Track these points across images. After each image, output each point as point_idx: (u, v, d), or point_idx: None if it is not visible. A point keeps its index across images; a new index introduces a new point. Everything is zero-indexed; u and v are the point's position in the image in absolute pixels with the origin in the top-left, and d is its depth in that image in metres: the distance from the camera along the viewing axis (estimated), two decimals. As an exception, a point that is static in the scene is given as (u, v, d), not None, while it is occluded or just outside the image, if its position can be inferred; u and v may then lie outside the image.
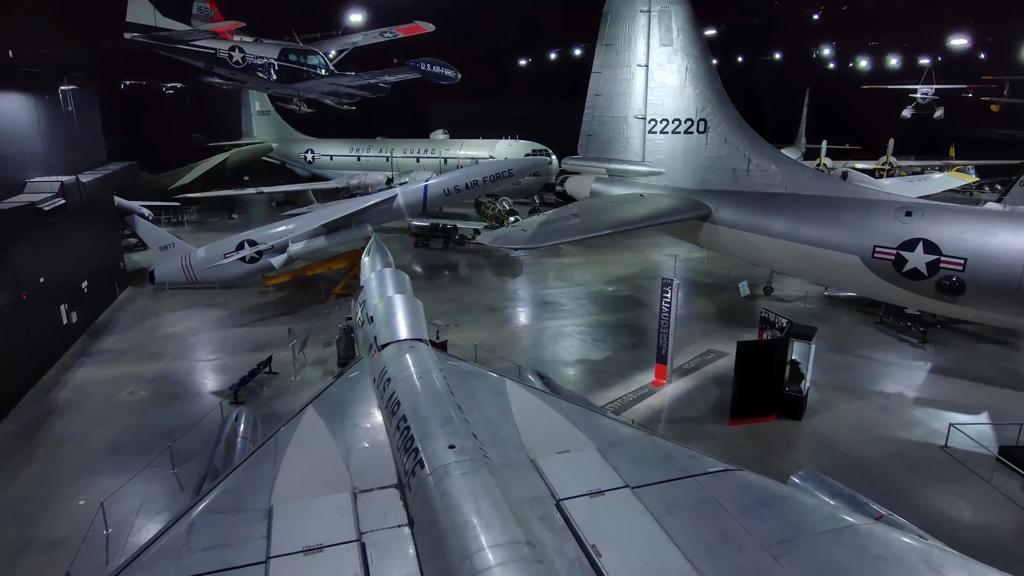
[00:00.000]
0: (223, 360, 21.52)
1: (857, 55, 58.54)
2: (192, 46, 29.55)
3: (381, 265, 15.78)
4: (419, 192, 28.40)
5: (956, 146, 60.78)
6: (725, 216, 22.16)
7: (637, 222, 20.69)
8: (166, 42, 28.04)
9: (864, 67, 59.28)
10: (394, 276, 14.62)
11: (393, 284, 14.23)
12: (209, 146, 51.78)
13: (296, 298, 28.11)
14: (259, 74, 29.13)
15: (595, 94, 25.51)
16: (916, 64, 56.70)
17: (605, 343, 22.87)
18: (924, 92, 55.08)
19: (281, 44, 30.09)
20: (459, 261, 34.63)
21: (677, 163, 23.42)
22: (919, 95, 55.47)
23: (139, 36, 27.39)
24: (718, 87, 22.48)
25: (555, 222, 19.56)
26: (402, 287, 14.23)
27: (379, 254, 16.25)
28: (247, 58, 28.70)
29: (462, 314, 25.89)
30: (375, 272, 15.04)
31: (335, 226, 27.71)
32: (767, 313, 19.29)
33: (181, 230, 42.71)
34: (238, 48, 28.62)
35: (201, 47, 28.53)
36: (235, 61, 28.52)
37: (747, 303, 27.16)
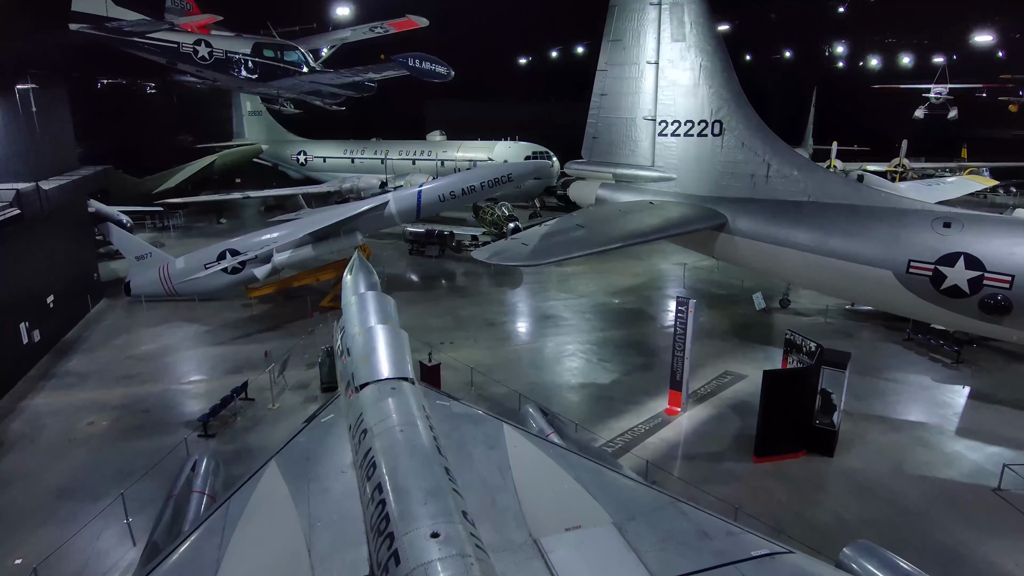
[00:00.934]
0: (197, 384, 19.75)
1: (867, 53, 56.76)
2: (150, 40, 27.02)
3: (364, 286, 13.99)
4: (412, 198, 26.65)
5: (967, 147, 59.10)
6: (743, 226, 20.41)
7: (648, 234, 18.91)
8: (117, 35, 25.47)
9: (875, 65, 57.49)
10: (377, 301, 12.83)
11: (376, 311, 12.44)
12: (198, 148, 50.03)
13: (281, 311, 26.34)
14: (230, 71, 27.01)
15: (601, 93, 23.75)
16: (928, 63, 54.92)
17: (612, 364, 21.10)
18: (938, 92, 53.29)
19: (254, 38, 28.00)
20: (455, 270, 32.86)
21: (690, 168, 21.66)
22: (933, 95, 53.68)
23: (87, 27, 24.79)
24: (735, 86, 20.73)
25: (559, 234, 17.78)
26: (386, 314, 12.43)
27: (362, 273, 14.46)
28: (214, 53, 26.53)
29: (458, 330, 24.12)
30: (356, 296, 13.25)
31: (322, 235, 25.97)
32: (792, 335, 17.56)
33: (166, 236, 41.00)
34: (204, 42, 26.39)
35: (161, 41, 26.33)
36: (201, 57, 26.32)
37: (763, 317, 25.40)
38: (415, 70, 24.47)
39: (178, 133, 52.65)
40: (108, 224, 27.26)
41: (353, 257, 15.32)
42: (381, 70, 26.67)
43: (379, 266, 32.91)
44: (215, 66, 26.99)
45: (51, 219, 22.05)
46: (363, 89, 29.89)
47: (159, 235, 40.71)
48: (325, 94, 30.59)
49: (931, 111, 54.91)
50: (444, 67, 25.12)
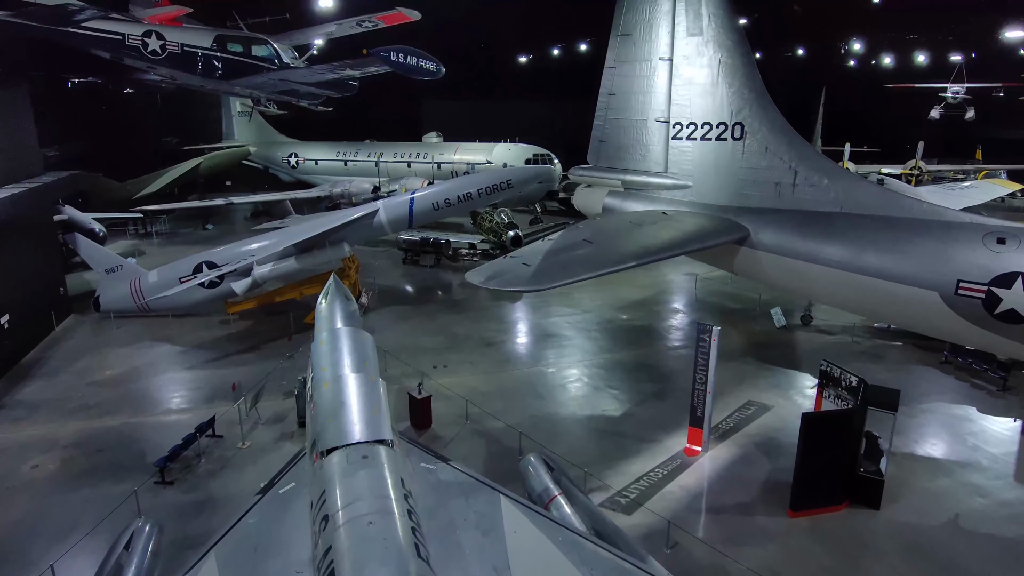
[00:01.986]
0: (163, 416, 17.78)
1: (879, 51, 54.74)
2: (86, 30, 23.62)
3: (339, 318, 12.01)
4: (404, 206, 24.66)
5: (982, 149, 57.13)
6: (766, 240, 18.42)
7: (664, 250, 16.91)
8: (42, 22, 21.93)
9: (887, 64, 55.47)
10: (352, 341, 10.85)
11: (349, 353, 10.46)
12: (185, 150, 48.01)
13: (262, 329, 24.36)
14: (188, 68, 24.60)
15: (608, 93, 21.76)
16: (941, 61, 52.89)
17: (622, 391, 19.12)
18: (955, 91, 51.28)
19: (216, 30, 25.50)
20: (452, 281, 30.89)
21: (707, 175, 19.69)
22: (950, 94, 51.68)
23: (6, 15, 21.35)
24: (758, 85, 18.73)
25: (564, 251, 15.77)
26: (361, 357, 10.46)
27: (338, 301, 12.47)
28: (168, 47, 24.08)
29: (453, 351, 22.15)
30: (328, 332, 11.27)
31: (307, 246, 24.01)
32: (829, 366, 15.61)
33: (148, 243, 38.99)
34: (155, 34, 23.87)
35: (101, 32, 23.92)
36: (152, 51, 23.87)
37: (784, 335, 23.43)
38: (399, 66, 22.10)
39: (163, 135, 50.55)
40: (75, 234, 25.28)
41: (329, 281, 13.31)
42: (361, 66, 24.13)
43: (369, 276, 31.17)
44: (170, 62, 24.38)
45: (4, 230, 20.09)
46: (344, 88, 27.61)
47: (140, 242, 38.73)
48: (302, 94, 28.26)
49: (947, 111, 52.94)
50: (433, 63, 22.80)
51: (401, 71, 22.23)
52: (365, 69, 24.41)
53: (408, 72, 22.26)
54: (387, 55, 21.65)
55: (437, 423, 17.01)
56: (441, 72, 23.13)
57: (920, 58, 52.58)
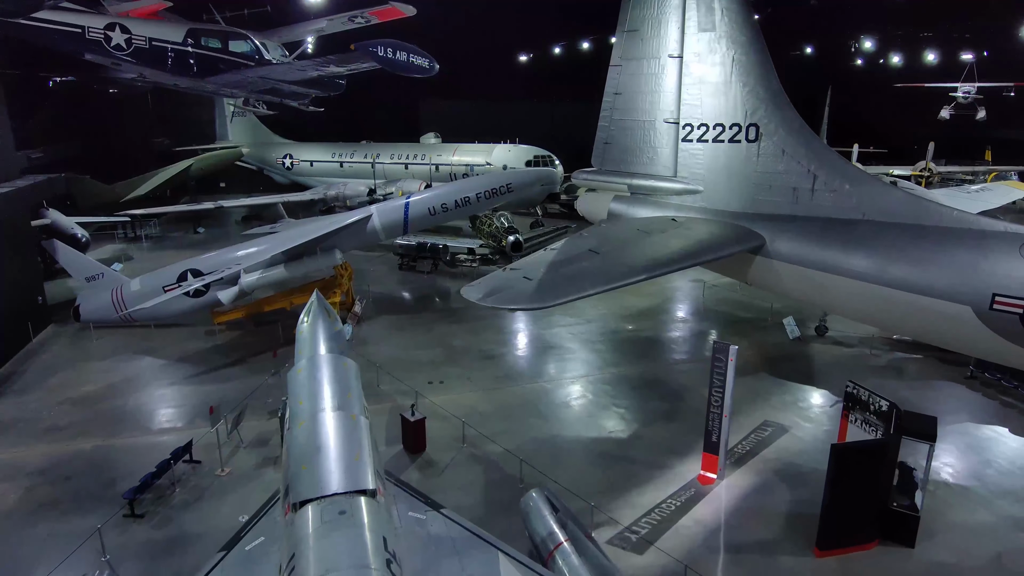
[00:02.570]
0: (139, 438, 16.61)
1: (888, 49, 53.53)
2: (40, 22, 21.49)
3: (322, 343, 10.83)
4: (398, 211, 23.52)
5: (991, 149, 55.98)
6: (783, 248, 17.29)
7: (676, 262, 15.71)
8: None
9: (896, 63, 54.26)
10: (333, 370, 9.68)
11: (330, 386, 9.28)
12: (176, 151, 46.84)
13: (249, 341, 23.19)
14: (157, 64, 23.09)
15: (614, 92, 20.63)
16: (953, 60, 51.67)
17: (629, 410, 17.95)
18: (966, 91, 50.09)
19: (190, 24, 23.99)
20: (450, 288, 29.70)
21: (719, 179, 18.56)
22: (960, 94, 50.48)
23: None
24: (774, 84, 17.61)
25: (569, 263, 14.60)
26: (343, 389, 9.29)
27: (320, 322, 11.30)
28: (134, 41, 22.58)
29: (450, 364, 20.98)
30: (307, 359, 10.10)
31: (296, 253, 22.87)
32: (856, 388, 14.43)
33: (137, 247, 37.83)
34: (120, 27, 22.40)
35: (59, 24, 22.10)
36: (116, 45, 22.33)
37: (798, 347, 22.27)
38: (388, 62, 20.62)
39: (155, 136, 49.30)
40: (53, 241, 24.08)
41: (311, 298, 12.14)
42: (346, 62, 22.53)
43: (363, 284, 30.01)
44: (137, 57, 22.73)
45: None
46: (331, 87, 26.31)
47: (128, 247, 37.58)
48: (286, 93, 26.88)
49: (958, 111, 51.76)
50: (425, 59, 21.38)
51: (390, 68, 20.76)
52: (351, 65, 22.85)
53: (398, 69, 20.83)
54: (374, 50, 20.15)
55: (432, 446, 15.85)
56: (435, 69, 21.76)
57: (930, 57, 51.42)
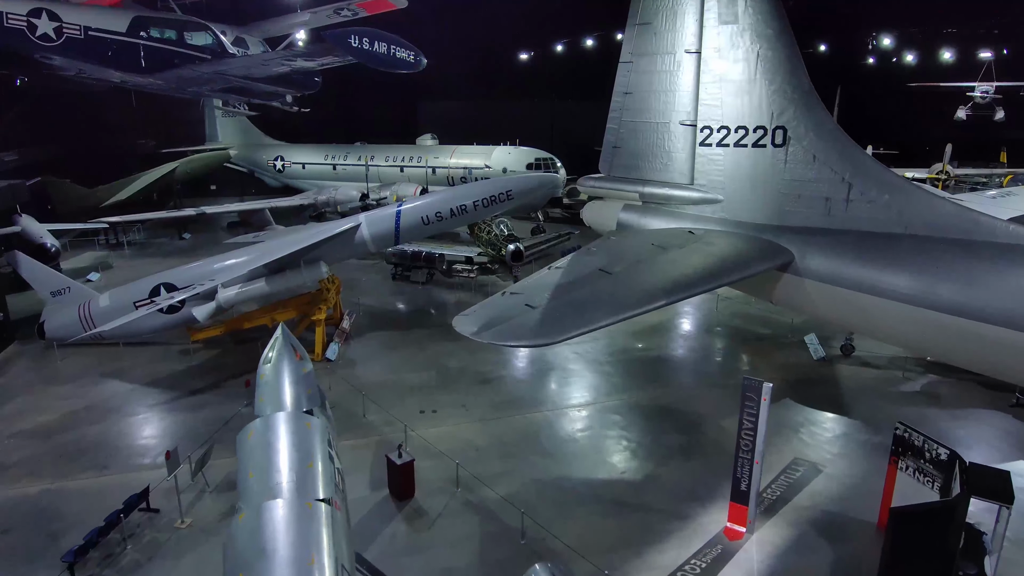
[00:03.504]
0: (95, 478, 14.82)
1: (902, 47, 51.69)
2: None
3: (287, 392, 9.03)
4: (389, 220, 21.71)
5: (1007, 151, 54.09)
6: (815, 266, 15.50)
7: (698, 283, 13.86)
8: None
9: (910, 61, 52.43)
10: (292, 437, 7.87)
11: (286, 459, 7.48)
12: (163, 153, 45.05)
13: (228, 360, 21.42)
14: (94, 58, 20.81)
15: (624, 92, 18.82)
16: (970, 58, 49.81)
17: (642, 445, 16.15)
18: (984, 90, 48.25)
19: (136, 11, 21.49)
20: (446, 300, 27.92)
21: (742, 188, 16.77)
22: (978, 93, 48.64)
23: None
24: (804, 83, 15.80)
25: (577, 286, 12.79)
26: (302, 460, 7.49)
27: (285, 365, 9.49)
28: (66, 30, 20.23)
29: (444, 390, 19.18)
30: (261, 420, 8.30)
31: (279, 266, 21.07)
32: (907, 431, 12.63)
33: (119, 255, 36.03)
34: (46, 12, 19.93)
35: None
36: (42, 35, 19.99)
37: (824, 369, 20.47)
38: (365, 55, 18.34)
39: (139, 137, 47.45)
40: (15, 252, 22.27)
41: (275, 334, 10.34)
42: (315, 55, 20.29)
43: (353, 296, 28.22)
44: (69, 49, 20.55)
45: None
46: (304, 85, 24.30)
47: (109, 254, 35.77)
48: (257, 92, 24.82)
49: (975, 111, 49.93)
50: (410, 52, 19.15)
51: (369, 62, 18.56)
52: (322, 60, 20.62)
53: (378, 63, 18.71)
54: (347, 40, 17.89)
55: (422, 491, 14.07)
56: (421, 64, 19.70)
57: (946, 55, 49.63)
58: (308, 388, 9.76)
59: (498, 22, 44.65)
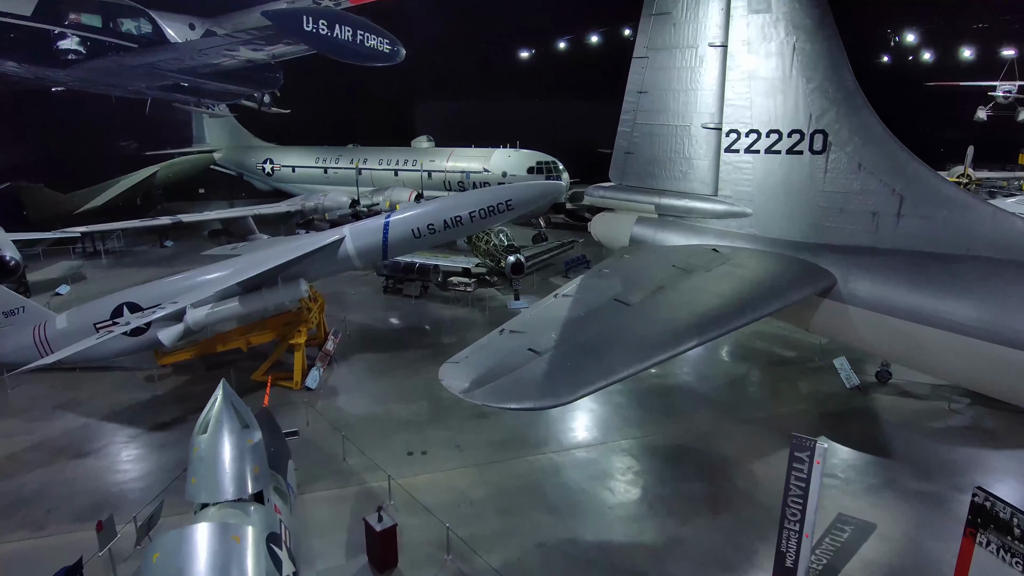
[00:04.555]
0: (23, 543, 12.72)
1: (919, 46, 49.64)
2: None
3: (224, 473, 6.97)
4: (376, 233, 19.65)
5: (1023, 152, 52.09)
6: (861, 291, 13.49)
7: (733, 316, 11.71)
8: None
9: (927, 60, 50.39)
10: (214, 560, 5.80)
11: None
12: (147, 156, 42.98)
13: (197, 389, 19.36)
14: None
15: (638, 91, 16.80)
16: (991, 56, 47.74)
17: (661, 497, 14.06)
18: (1007, 90, 46.20)
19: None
20: (441, 316, 25.86)
21: (774, 200, 14.76)
22: (1000, 93, 46.59)
23: None
24: (847, 80, 13.79)
25: (589, 322, 10.73)
26: None
27: (223, 435, 7.44)
28: None
29: (436, 425, 17.10)
30: (173, 533, 6.22)
31: (254, 284, 19.02)
32: (986, 499, 10.58)
33: (96, 264, 33.99)
34: None
35: None
36: None
37: (859, 400, 18.40)
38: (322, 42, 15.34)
39: (121, 139, 45.34)
40: (-37, 269, 20.25)
41: (214, 394, 8.27)
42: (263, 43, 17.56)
43: (340, 311, 26.16)
44: None
45: None
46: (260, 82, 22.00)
47: (85, 263, 33.71)
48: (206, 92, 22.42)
49: (996, 112, 47.89)
50: (383, 39, 16.65)
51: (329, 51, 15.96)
52: (272, 48, 17.99)
53: (343, 54, 16.25)
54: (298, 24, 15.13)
55: (406, 559, 12.01)
56: (399, 55, 17.38)
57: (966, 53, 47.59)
58: (255, 464, 7.71)
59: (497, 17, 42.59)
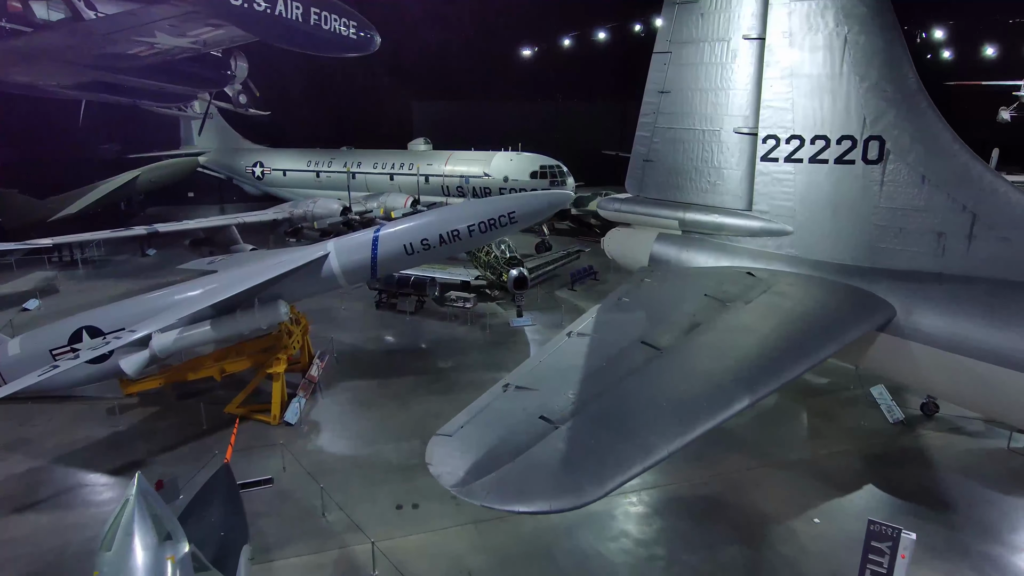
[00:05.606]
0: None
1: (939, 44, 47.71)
2: None
3: None
4: (364, 248, 17.63)
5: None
6: (926, 325, 11.48)
7: (786, 364, 9.69)
8: None
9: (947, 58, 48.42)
10: None
11: None
12: (130, 159, 40.97)
13: (162, 424, 17.39)
14: None
15: (659, 90, 14.80)
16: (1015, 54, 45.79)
17: (692, 568, 12.01)
18: (1033, 89, 44.26)
19: None
20: (436, 335, 23.86)
21: (819, 217, 12.77)
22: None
23: None
24: (909, 78, 11.81)
25: (615, 375, 8.71)
26: None
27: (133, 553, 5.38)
28: None
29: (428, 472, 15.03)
30: None
31: (228, 306, 17.03)
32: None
33: (70, 275, 32.00)
34: None
35: None
36: None
37: (906, 437, 16.40)
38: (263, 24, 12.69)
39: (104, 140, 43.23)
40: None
41: (126, 495, 6.25)
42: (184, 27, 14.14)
43: (328, 330, 24.13)
44: None
45: None
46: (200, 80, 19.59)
47: (60, 274, 31.71)
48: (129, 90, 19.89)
49: (1021, 112, 45.89)
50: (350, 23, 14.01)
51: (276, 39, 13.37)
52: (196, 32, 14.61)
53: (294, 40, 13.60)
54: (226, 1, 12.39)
55: (391, 651, 9.99)
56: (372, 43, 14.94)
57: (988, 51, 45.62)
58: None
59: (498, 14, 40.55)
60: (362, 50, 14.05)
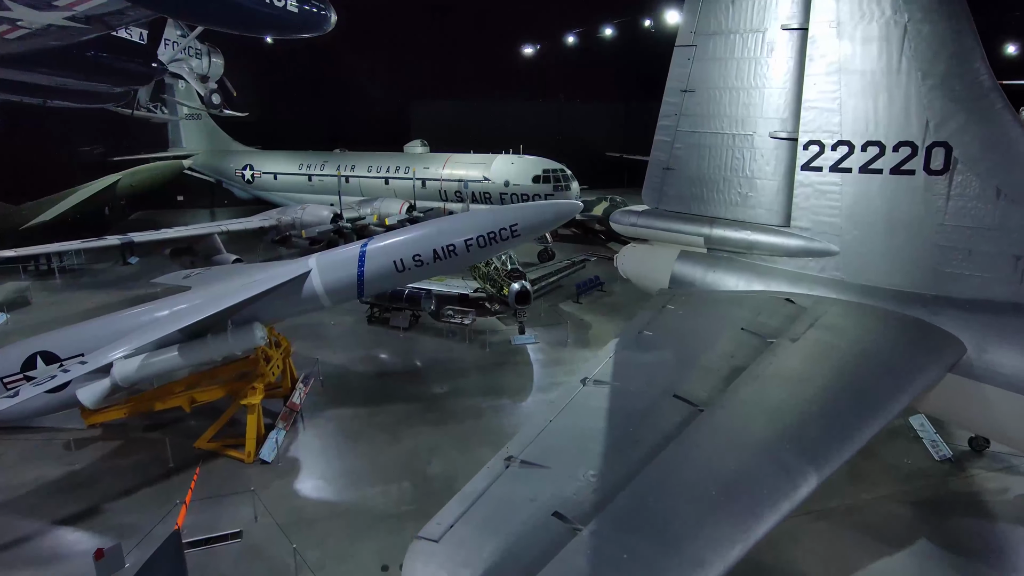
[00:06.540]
0: None
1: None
2: None
3: None
4: (350, 265, 15.87)
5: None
6: (1004, 365, 9.75)
7: (854, 427, 7.92)
8: None
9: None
10: None
11: None
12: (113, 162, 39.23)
13: (124, 462, 15.65)
14: None
15: (682, 89, 13.03)
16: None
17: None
18: (1056, 89, 42.42)
19: None
20: (432, 354, 22.12)
21: (871, 235, 11.01)
22: (1049, 93, 42.81)
23: None
24: (982, 75, 10.02)
25: (644, 447, 6.95)
26: None
27: None
28: None
29: (421, 519, 13.22)
30: None
31: (198, 329, 15.29)
32: None
33: (47, 285, 30.28)
34: None
35: None
36: None
37: (955, 478, 14.64)
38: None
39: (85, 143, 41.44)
40: None
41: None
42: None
43: (316, 350, 22.35)
44: None
45: None
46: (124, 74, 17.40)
47: (34, 284, 29.96)
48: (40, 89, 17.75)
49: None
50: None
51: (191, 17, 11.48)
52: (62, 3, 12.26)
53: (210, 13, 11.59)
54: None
55: None
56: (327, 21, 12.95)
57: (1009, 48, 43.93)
58: None
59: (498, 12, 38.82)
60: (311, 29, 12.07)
